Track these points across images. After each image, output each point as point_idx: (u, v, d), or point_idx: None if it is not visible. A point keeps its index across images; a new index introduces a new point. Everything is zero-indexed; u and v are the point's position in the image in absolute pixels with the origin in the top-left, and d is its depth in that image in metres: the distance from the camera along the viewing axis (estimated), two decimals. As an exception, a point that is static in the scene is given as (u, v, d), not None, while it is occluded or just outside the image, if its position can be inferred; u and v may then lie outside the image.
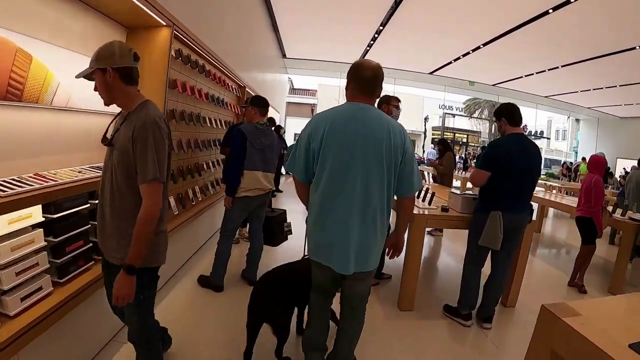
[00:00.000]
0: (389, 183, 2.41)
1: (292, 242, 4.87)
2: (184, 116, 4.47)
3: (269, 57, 12.70)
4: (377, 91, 2.50)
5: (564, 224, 10.69)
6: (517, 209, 3.83)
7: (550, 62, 13.41)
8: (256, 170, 4.08)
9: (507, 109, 3.93)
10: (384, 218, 2.46)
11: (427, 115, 31.57)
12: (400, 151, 2.40)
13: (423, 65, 16.54)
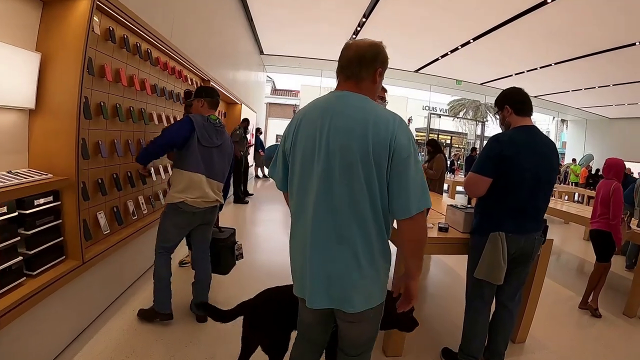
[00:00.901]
0: (372, 194, 1.78)
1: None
2: (117, 111, 3.60)
3: (243, 51, 11.86)
4: (363, 74, 1.89)
5: (561, 232, 10.08)
6: (527, 227, 2.98)
7: (543, 60, 12.83)
8: (198, 172, 3.28)
9: (512, 94, 3.08)
10: (373, 242, 1.83)
11: (411, 117, 31.50)
12: (385, 150, 1.74)
13: (408, 63, 15.73)
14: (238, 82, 10.93)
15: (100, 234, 3.42)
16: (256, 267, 5.17)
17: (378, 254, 1.86)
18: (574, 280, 6.13)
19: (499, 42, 11.47)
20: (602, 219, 4.59)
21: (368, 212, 1.79)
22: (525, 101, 3.03)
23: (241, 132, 9.33)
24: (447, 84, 18.88)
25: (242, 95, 10.98)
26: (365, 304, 1.87)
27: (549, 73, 13.92)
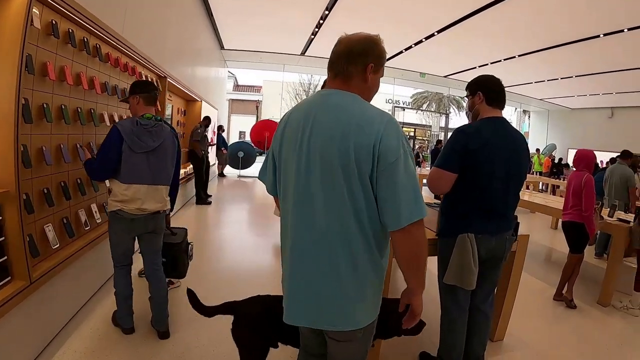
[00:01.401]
0: (355, 203, 1.60)
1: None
2: (63, 113, 3.28)
3: (203, 46, 11.49)
4: (351, 70, 1.71)
5: (528, 221, 10.13)
6: (498, 227, 2.81)
7: (507, 52, 12.94)
8: (138, 183, 3.02)
9: (488, 81, 2.87)
10: (358, 256, 1.65)
11: (375, 110, 31.75)
12: (368, 154, 1.55)
13: None
14: (198, 78, 10.58)
15: (50, 249, 3.11)
16: (222, 270, 4.98)
17: (365, 270, 1.67)
18: (545, 271, 6.15)
19: (463, 34, 11.45)
20: (575, 210, 4.57)
21: (352, 223, 1.61)
22: (500, 92, 2.84)
23: (202, 131, 8.99)
24: (411, 77, 18.90)
25: (202, 92, 10.65)
26: (349, 323, 1.70)
27: (513, 65, 14.05)
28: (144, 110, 3.11)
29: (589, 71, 13.76)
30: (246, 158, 14.74)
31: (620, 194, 6.98)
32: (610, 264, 4.95)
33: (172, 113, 8.28)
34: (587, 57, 11.99)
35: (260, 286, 4.52)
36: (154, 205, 3.12)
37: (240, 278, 4.78)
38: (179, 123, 9.10)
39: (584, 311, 4.67)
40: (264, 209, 8.66)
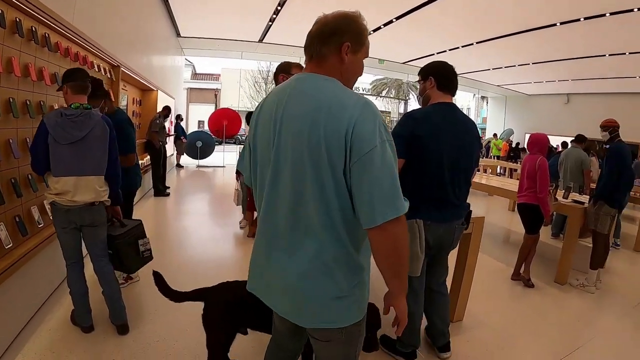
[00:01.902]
0: (325, 196, 1.46)
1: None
2: (11, 106, 3.12)
3: (158, 34, 11.14)
4: (324, 51, 1.57)
5: (486, 204, 10.37)
6: (447, 215, 2.83)
7: (465, 39, 13.00)
8: (66, 175, 2.90)
9: (440, 67, 2.87)
10: (327, 253, 1.52)
11: (334, 98, 31.82)
12: (340, 143, 1.40)
13: None
14: (153, 67, 10.28)
15: (3, 249, 2.97)
16: (184, 262, 4.90)
17: (340, 267, 1.55)
18: (503, 252, 6.32)
19: (421, 21, 11.46)
20: (530, 192, 4.71)
21: (321, 217, 1.49)
22: (452, 78, 2.85)
23: (161, 121, 8.77)
24: (369, 64, 18.75)
25: (158, 81, 10.36)
26: (323, 321, 1.60)
27: (471, 52, 14.15)
28: (73, 99, 2.97)
29: (546, 59, 14.02)
30: (204, 148, 14.45)
31: (575, 177, 7.21)
32: (566, 244, 5.13)
33: (127, 103, 8.02)
34: (544, 45, 12.20)
35: (223, 277, 4.41)
36: (85, 197, 2.99)
37: (203, 269, 4.72)
38: (134, 113, 8.82)
39: (541, 290, 4.82)
40: (224, 199, 8.55)
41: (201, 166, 14.59)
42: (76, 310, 3.19)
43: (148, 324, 3.40)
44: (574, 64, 14.11)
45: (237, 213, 7.00)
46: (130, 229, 3.47)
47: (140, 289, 3.97)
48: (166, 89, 11.56)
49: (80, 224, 3.07)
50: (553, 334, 3.85)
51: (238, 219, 6.86)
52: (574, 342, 3.78)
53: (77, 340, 3.10)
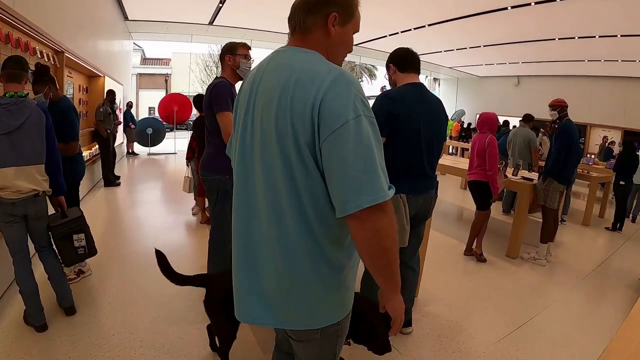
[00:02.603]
0: (294, 181, 1.28)
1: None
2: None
3: (105, 18, 10.63)
4: (309, 22, 1.39)
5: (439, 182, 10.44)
6: (424, 186, 2.99)
7: (417, 21, 13.02)
8: (5, 166, 2.81)
9: (395, 52, 3.06)
10: (297, 246, 1.34)
11: (287, 82, 31.57)
12: (306, 119, 1.22)
13: (283, 25, 14.70)
14: (100, 52, 9.85)
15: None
16: (137, 252, 4.79)
17: (311, 263, 1.37)
18: (455, 229, 6.52)
19: (372, 3, 11.25)
20: (480, 170, 4.86)
21: (291, 205, 1.31)
22: (407, 57, 2.99)
23: (106, 109, 8.41)
24: (320, 48, 18.71)
25: (105, 67, 9.93)
26: (296, 323, 1.46)
27: (423, 34, 14.18)
28: (8, 88, 2.87)
29: (497, 41, 14.23)
30: (155, 135, 14.02)
31: (524, 155, 7.45)
32: (516, 219, 5.33)
33: (73, 91, 7.69)
34: (495, 28, 12.37)
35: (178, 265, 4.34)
36: (26, 187, 2.90)
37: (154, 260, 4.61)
38: (81, 101, 8.46)
39: (494, 264, 5.00)
40: (176, 186, 8.38)
41: (152, 154, 14.15)
42: (28, 310, 3.09)
43: (102, 319, 3.32)
44: (525, 47, 14.37)
45: (190, 200, 6.90)
46: (68, 222, 3.36)
47: (92, 283, 3.88)
48: (114, 75, 11.12)
49: (25, 215, 2.98)
50: (507, 306, 4.01)
51: (190, 205, 6.78)
52: (528, 313, 3.95)
53: (32, 340, 2.99)
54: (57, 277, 3.26)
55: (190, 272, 4.15)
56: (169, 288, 3.80)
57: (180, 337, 3.13)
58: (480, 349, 3.31)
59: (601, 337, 3.66)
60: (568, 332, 3.75)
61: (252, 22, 14.44)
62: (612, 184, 8.37)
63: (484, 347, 3.33)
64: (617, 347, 1.59)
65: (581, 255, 6.26)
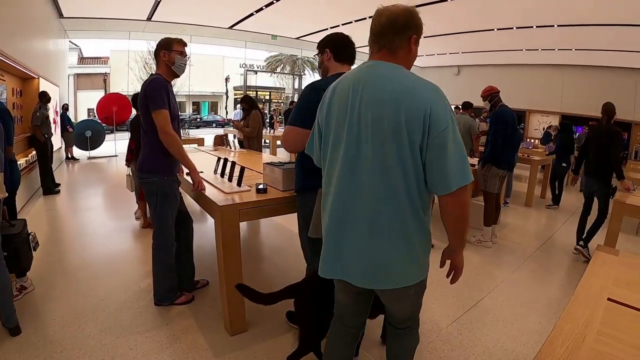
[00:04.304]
0: (405, 170, 1.69)
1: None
2: None
3: (38, 16, 10.03)
4: (396, 42, 1.81)
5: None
6: None
7: (358, 13, 12.95)
8: None
9: (335, 38, 2.90)
10: (407, 218, 1.75)
11: (228, 76, 31.24)
12: (419, 123, 1.63)
13: (222, 19, 14.86)
14: (34, 52, 9.26)
15: None
16: (82, 263, 4.54)
17: (413, 231, 1.77)
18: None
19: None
20: None
21: (401, 188, 1.71)
22: (348, 47, 2.89)
23: (42, 113, 7.90)
24: (263, 40, 18.46)
25: (40, 68, 9.32)
26: (401, 281, 1.83)
27: (365, 26, 13.65)
28: None
29: (438, 33, 14.38)
30: (94, 137, 13.42)
31: (465, 141, 7.55)
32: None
33: (7, 95, 7.25)
34: (436, 19, 12.48)
35: (124, 272, 4.27)
36: None
37: (102, 265, 4.45)
38: (15, 105, 7.96)
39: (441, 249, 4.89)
40: (118, 190, 8.08)
41: (92, 157, 13.48)
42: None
43: (49, 336, 3.12)
44: (464, 38, 14.65)
45: (132, 203, 6.63)
46: (23, 227, 3.32)
47: (35, 299, 3.66)
48: (49, 76, 10.50)
49: None
50: (456, 289, 4.07)
51: (133, 209, 6.51)
52: (477, 294, 4.05)
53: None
54: (3, 293, 3.00)
55: (136, 278, 4.06)
56: (115, 297, 3.69)
57: (130, 348, 2.98)
58: (433, 332, 3.36)
59: (550, 313, 3.79)
60: (517, 310, 3.85)
61: (192, 17, 14.16)
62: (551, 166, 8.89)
63: (437, 331, 3.38)
64: (566, 327, 1.65)
65: (526, 235, 6.48)
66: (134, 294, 3.77)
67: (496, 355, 3.16)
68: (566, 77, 17.88)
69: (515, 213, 7.85)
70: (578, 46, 14.16)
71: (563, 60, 16.90)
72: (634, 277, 2.26)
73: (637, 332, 1.67)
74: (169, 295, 3.54)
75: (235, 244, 3.03)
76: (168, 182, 3.31)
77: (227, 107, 33.29)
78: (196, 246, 3.96)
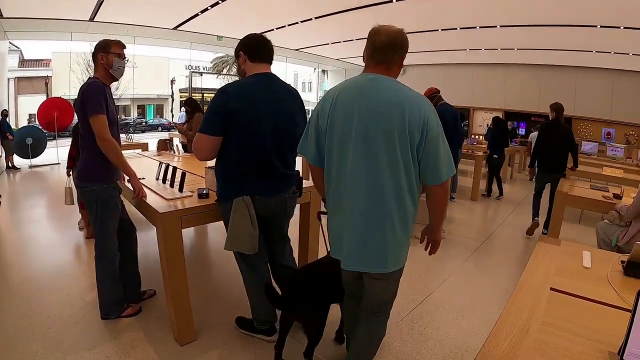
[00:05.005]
0: (407, 168, 2.08)
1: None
2: None
3: None
4: (395, 59, 2.16)
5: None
6: (275, 188, 2.85)
7: (304, 14, 13.03)
8: None
9: (246, 40, 2.87)
10: (408, 211, 2.16)
11: (174, 78, 30.67)
12: (418, 129, 2.02)
13: (166, 20, 14.42)
14: None
15: None
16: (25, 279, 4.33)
17: (409, 221, 2.18)
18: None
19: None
20: None
21: (404, 184, 2.08)
22: (260, 46, 2.84)
23: None
24: (208, 41, 18.08)
25: None
26: (396, 264, 2.23)
27: (310, 27, 14.23)
28: None
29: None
30: (36, 145, 12.75)
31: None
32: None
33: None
34: (381, 20, 12.08)
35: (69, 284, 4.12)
36: None
37: (47, 280, 4.26)
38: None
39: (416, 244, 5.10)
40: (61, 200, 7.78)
41: (34, 166, 12.78)
42: None
43: None
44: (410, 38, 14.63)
45: (75, 213, 6.37)
46: None
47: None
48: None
49: None
50: (406, 285, 4.07)
51: (76, 219, 6.27)
52: (426, 289, 4.17)
53: None
54: None
55: (81, 291, 3.93)
56: (60, 313, 3.55)
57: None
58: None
59: (498, 303, 3.93)
60: (466, 302, 3.99)
61: (136, 18, 13.77)
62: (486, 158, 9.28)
63: (388, 327, 3.37)
64: (509, 319, 1.71)
65: (472, 228, 6.69)
66: (79, 308, 3.62)
67: (448, 348, 3.25)
68: (508, 75, 18.53)
69: (461, 207, 8.08)
70: (520, 46, 14.67)
71: (505, 59, 17.49)
72: (575, 266, 2.40)
73: (578, 319, 1.74)
74: (115, 307, 3.44)
75: (178, 251, 2.95)
76: (108, 190, 3.20)
77: (173, 110, 32.64)
78: (141, 255, 3.87)
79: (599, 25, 10.70)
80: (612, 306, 1.90)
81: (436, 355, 3.17)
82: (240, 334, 3.25)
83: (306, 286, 2.67)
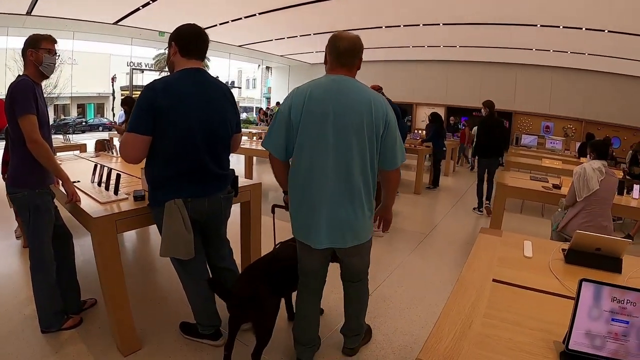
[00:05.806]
0: (372, 157, 2.42)
1: None
2: None
3: None
4: (356, 62, 2.50)
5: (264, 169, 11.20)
6: (208, 188, 2.74)
7: (247, 10, 12.90)
8: None
9: (180, 30, 2.66)
10: (371, 193, 2.50)
11: (115, 75, 29.53)
12: (381, 122, 2.40)
13: (107, 14, 13.85)
14: None
15: None
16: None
17: (372, 197, 2.52)
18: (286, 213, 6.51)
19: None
20: None
21: (368, 168, 2.41)
22: (192, 40, 2.65)
23: None
24: (150, 37, 17.42)
25: None
26: (367, 235, 2.58)
27: (254, 23, 14.16)
28: None
29: (326, 30, 14.41)
30: None
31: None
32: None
33: None
34: (325, 17, 12.73)
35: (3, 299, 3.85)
36: None
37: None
38: None
39: (386, 239, 5.42)
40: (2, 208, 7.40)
41: None
42: None
43: None
44: (351, 35, 14.97)
45: (12, 221, 6.03)
46: None
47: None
48: None
49: None
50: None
51: (13, 227, 5.93)
52: (373, 283, 4.08)
53: None
54: None
55: (19, 304, 3.72)
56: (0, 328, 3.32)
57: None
58: (332, 326, 3.40)
59: (444, 294, 3.92)
60: (413, 294, 4.05)
61: (75, 12, 13.23)
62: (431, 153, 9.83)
63: (335, 323, 3.40)
64: (451, 313, 1.71)
65: (416, 222, 6.83)
66: (18, 322, 3.37)
67: (396, 342, 3.28)
68: (451, 72, 19.15)
69: (405, 201, 8.27)
70: (462, 43, 15.16)
71: (448, 56, 18.02)
72: (517, 256, 2.46)
73: (522, 309, 1.77)
74: (55, 320, 3.22)
75: (115, 257, 2.78)
76: (40, 195, 3.00)
77: (114, 109, 31.55)
78: (80, 263, 3.67)
79: (538, 24, 11.19)
80: (555, 294, 1.92)
81: (385, 349, 3.19)
82: (186, 340, 3.16)
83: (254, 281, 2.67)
